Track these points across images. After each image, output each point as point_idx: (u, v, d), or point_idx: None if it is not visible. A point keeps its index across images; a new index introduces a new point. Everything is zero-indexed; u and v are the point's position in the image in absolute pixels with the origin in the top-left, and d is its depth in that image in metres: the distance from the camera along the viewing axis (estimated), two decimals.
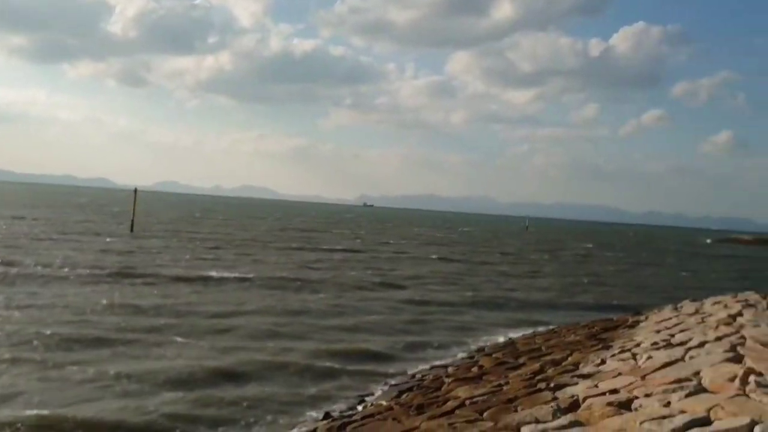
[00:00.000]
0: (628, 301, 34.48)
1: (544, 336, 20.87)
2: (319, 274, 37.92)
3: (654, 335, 14.89)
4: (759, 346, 10.58)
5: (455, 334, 22.87)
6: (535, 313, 29.21)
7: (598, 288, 42.18)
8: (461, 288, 36.46)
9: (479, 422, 9.65)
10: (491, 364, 16.09)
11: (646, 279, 51.58)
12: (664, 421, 6.98)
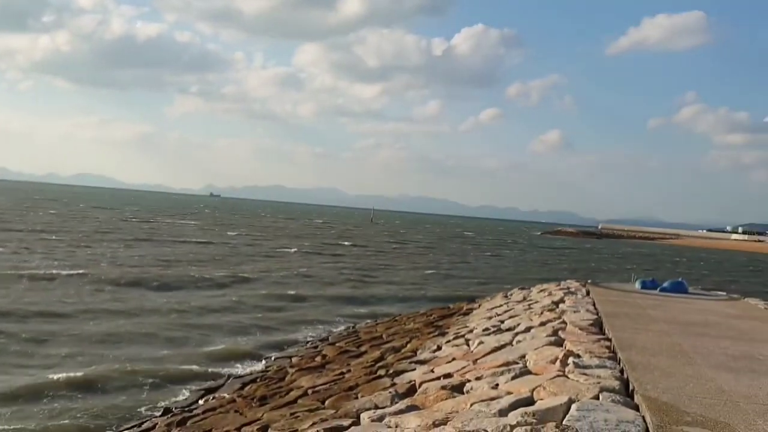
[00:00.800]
0: (467, 290, 35.87)
1: (386, 324, 21.31)
2: (162, 270, 36.21)
3: (486, 321, 15.61)
4: (577, 330, 11.38)
5: (302, 326, 22.81)
6: (382, 304, 29.69)
7: (441, 277, 43.64)
8: (313, 282, 36.23)
9: (320, 411, 9.70)
10: (334, 353, 16.22)
11: (483, 269, 53.98)
12: (492, 402, 7.33)
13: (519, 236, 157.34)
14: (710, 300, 19.27)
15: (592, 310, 14.39)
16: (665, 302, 17.19)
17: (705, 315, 15.08)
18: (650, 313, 14.52)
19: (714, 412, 6.55)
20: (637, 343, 10.29)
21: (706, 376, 8.28)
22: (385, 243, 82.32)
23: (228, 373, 16.51)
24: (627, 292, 19.24)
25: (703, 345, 10.73)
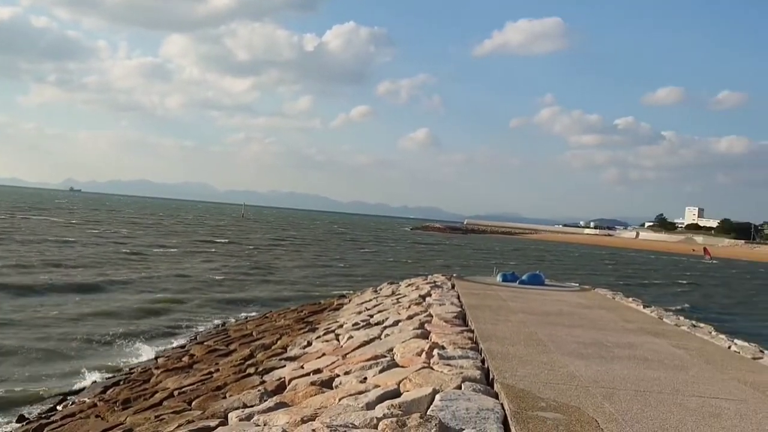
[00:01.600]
0: (341, 285, 36.00)
1: (256, 321, 21.05)
2: (18, 274, 33.83)
3: (356, 316, 15.77)
4: (442, 323, 11.71)
5: (167, 326, 22.05)
6: (257, 302, 29.21)
7: (318, 274, 43.55)
8: (188, 282, 34.94)
9: (187, 412, 9.44)
10: (203, 353, 15.84)
11: (358, 264, 54.42)
12: (360, 396, 7.40)
13: (390, 232, 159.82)
14: (564, 291, 20.38)
15: (457, 303, 14.85)
16: (524, 294, 18.02)
17: (559, 305, 15.94)
18: (510, 305, 15.17)
19: (566, 397, 6.94)
20: (497, 334, 10.73)
21: (560, 363, 8.76)
22: (259, 240, 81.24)
23: (75, 369, 15.88)
24: (489, 285, 19.99)
25: (557, 334, 11.34)
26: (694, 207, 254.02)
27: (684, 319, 16.10)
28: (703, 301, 43.89)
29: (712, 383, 8.37)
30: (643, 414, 6.54)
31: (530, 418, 6.05)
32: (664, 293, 46.46)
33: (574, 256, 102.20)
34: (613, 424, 6.10)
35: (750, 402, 7.51)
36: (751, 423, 6.58)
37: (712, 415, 6.74)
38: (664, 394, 7.52)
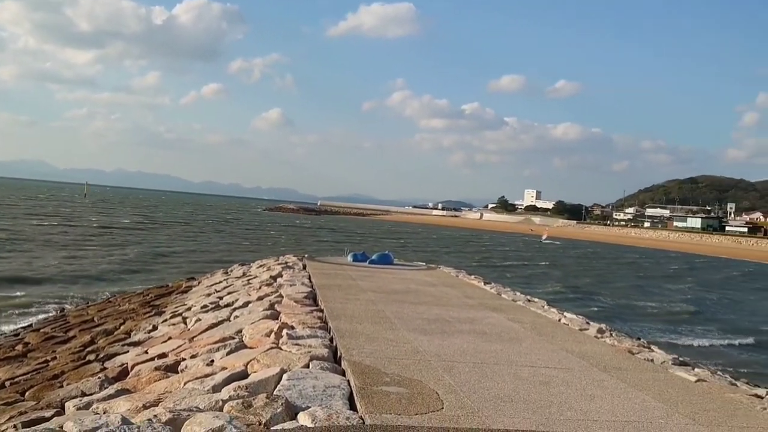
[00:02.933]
0: (190, 269, 34.90)
1: (98, 306, 20.00)
2: None
3: (205, 298, 15.39)
4: (293, 303, 11.69)
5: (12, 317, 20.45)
6: (100, 284, 27.74)
7: (167, 257, 41.94)
8: (25, 266, 32.51)
9: (20, 403, 8.83)
10: (38, 340, 14.83)
11: (213, 245, 52.98)
12: (206, 380, 7.24)
13: (243, 213, 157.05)
14: (412, 270, 20.96)
15: (308, 283, 14.87)
16: (374, 273, 18.35)
17: (407, 284, 16.38)
18: (360, 284, 15.40)
19: (409, 371, 7.15)
20: (346, 313, 10.86)
21: (405, 339, 9.02)
22: (104, 219, 77.07)
23: None
24: (340, 265, 20.17)
25: (404, 311, 11.66)
26: (533, 189, 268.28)
27: (520, 294, 17.05)
28: (573, 281, 46.29)
29: (543, 354, 8.94)
30: (480, 384, 6.88)
31: (374, 393, 6.18)
32: (532, 274, 48.86)
33: (426, 236, 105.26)
34: (452, 395, 6.36)
35: (575, 370, 8.09)
36: (576, 389, 7.09)
37: (542, 383, 7.19)
38: (500, 365, 7.94)
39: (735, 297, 43.48)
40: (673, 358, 9.66)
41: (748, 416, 6.68)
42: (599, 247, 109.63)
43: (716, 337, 25.97)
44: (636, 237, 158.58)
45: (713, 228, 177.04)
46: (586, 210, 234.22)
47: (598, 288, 41.85)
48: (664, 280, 52.31)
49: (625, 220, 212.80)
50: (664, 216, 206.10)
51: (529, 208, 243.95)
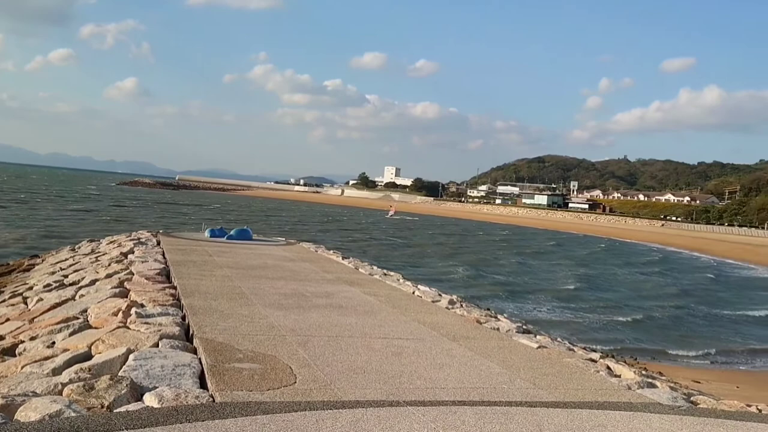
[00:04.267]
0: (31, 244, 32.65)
1: None
2: None
3: (48, 277, 14.44)
4: (144, 280, 11.20)
5: None
6: None
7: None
8: None
9: None
10: None
11: (58, 221, 49.74)
12: (46, 362, 6.78)
13: (95, 187, 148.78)
14: (271, 245, 20.72)
15: (161, 259, 14.32)
16: (231, 249, 17.96)
17: (264, 259, 16.16)
18: (216, 260, 15.02)
19: (263, 347, 7.05)
20: (201, 289, 10.54)
21: (260, 315, 8.88)
22: None
23: None
24: (197, 241, 19.59)
25: (261, 287, 11.49)
26: (392, 166, 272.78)
27: (377, 268, 17.30)
28: (473, 258, 47.26)
29: (396, 325, 9.10)
30: (334, 357, 6.89)
31: (227, 370, 6.03)
32: (419, 253, 49.50)
33: (287, 212, 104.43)
34: (305, 368, 6.33)
35: (427, 340, 8.30)
36: (426, 358, 7.27)
37: (395, 354, 7.32)
38: (354, 338, 8.00)
39: (607, 271, 46.35)
40: (517, 327, 10.15)
41: (583, 379, 7.13)
42: (459, 222, 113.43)
43: (607, 313, 27.64)
44: (488, 213, 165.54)
45: (558, 205, 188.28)
46: (442, 187, 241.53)
47: (484, 265, 43.27)
48: (534, 256, 54.66)
49: (478, 197, 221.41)
50: (514, 193, 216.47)
51: (388, 185, 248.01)
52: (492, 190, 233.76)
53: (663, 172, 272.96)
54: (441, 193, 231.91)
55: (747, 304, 33.31)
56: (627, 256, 65.49)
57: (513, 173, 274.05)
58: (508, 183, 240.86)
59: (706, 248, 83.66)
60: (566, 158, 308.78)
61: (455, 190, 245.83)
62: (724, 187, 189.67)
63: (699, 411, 6.34)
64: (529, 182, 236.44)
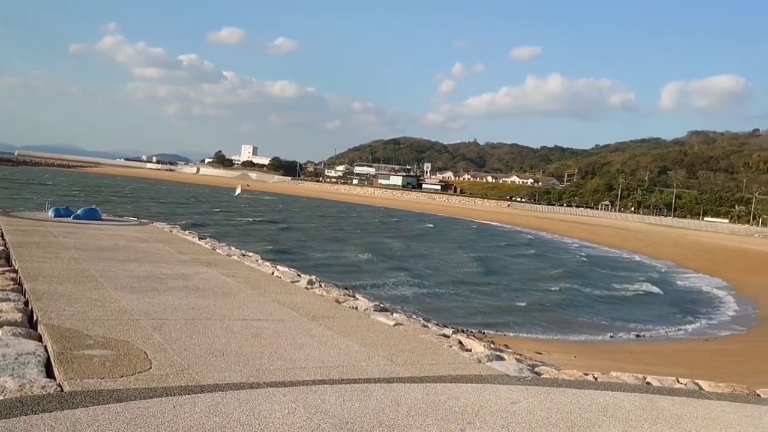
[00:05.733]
0: None
1: None
2: None
3: None
4: None
5: None
6: None
7: None
8: None
9: None
10: None
11: None
12: None
13: None
14: (122, 225, 19.76)
15: (0, 241, 13.27)
16: (78, 230, 16.95)
17: (115, 240, 15.39)
18: (62, 241, 14.12)
19: (115, 332, 6.72)
20: (45, 272, 9.89)
21: (112, 299, 8.46)
22: None
23: None
24: (40, 221, 18.33)
25: (111, 269, 10.93)
26: (250, 145, 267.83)
27: (235, 249, 16.99)
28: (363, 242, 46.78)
29: (255, 307, 8.99)
30: (191, 341, 6.70)
31: (75, 357, 5.71)
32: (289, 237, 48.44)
33: (139, 190, 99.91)
34: (161, 353, 6.11)
35: (287, 320, 8.26)
36: (286, 339, 7.23)
37: (254, 336, 7.23)
38: (212, 320, 7.82)
39: (501, 258, 47.84)
40: (375, 305, 10.33)
41: (437, 353, 7.39)
42: (321, 203, 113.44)
43: (462, 289, 28.43)
44: (346, 193, 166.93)
45: (412, 185, 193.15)
46: (300, 167, 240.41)
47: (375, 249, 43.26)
48: (415, 239, 55.27)
49: (336, 177, 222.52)
50: (371, 174, 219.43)
51: (246, 164, 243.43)
52: (349, 170, 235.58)
53: (509, 155, 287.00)
54: (299, 172, 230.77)
55: (580, 280, 35.86)
56: (491, 238, 68.43)
57: (369, 154, 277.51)
58: (365, 164, 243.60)
59: (546, 227, 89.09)
60: (421, 140, 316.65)
61: (313, 170, 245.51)
62: (563, 170, 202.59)
63: (543, 381, 6.76)
64: (384, 163, 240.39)
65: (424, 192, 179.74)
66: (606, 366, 10.09)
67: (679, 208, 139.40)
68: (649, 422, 5.53)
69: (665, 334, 22.63)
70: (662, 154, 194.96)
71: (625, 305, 28.60)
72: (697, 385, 7.34)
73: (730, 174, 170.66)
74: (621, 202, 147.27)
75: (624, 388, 6.73)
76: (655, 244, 69.97)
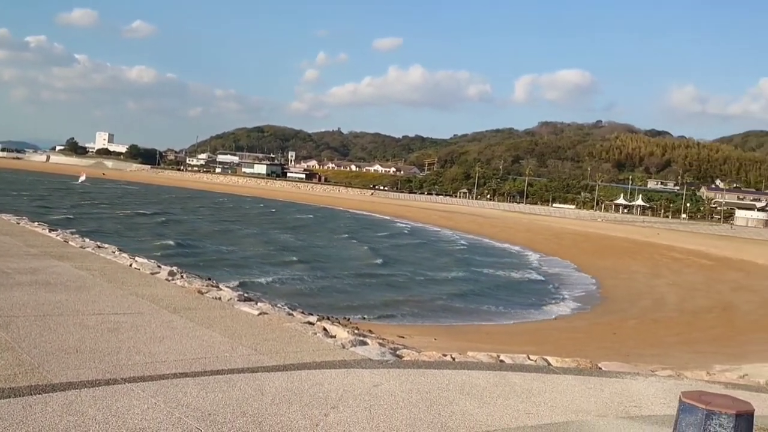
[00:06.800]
0: None
1: None
2: None
3: None
4: None
5: None
6: None
7: None
8: None
9: None
10: None
11: None
12: None
13: None
14: None
15: None
16: None
17: None
18: None
19: None
20: None
21: None
22: None
23: None
24: None
25: None
26: (105, 132, 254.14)
27: (89, 241, 16.14)
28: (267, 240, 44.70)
29: (112, 300, 8.60)
30: (42, 338, 6.33)
31: None
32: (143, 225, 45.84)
33: None
34: (8, 352, 5.74)
35: (146, 313, 7.97)
36: (145, 332, 6.99)
37: (110, 330, 6.92)
38: (65, 315, 7.41)
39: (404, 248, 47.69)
40: (239, 295, 10.19)
41: (301, 341, 7.41)
42: (193, 193, 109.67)
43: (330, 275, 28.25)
44: (209, 182, 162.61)
45: (277, 174, 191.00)
46: (160, 155, 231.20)
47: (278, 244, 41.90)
48: (303, 231, 54.11)
49: (198, 166, 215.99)
50: (234, 162, 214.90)
51: (101, 152, 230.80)
52: (212, 158, 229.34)
53: (372, 144, 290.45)
54: (159, 161, 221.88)
55: (444, 268, 37.13)
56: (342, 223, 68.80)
57: (233, 142, 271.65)
58: (228, 152, 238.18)
59: (409, 215, 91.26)
60: (285, 129, 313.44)
61: (174, 158, 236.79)
62: (424, 159, 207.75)
63: (404, 363, 6.96)
64: (248, 152, 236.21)
65: (288, 181, 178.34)
66: (464, 347, 10.52)
67: (531, 195, 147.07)
68: (502, 398, 5.85)
69: (519, 314, 23.92)
70: (515, 144, 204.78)
71: (482, 288, 29.92)
72: (546, 361, 7.85)
73: (576, 162, 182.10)
74: (478, 190, 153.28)
75: (479, 367, 7.07)
76: (509, 229, 73.49)
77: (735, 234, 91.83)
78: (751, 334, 21.63)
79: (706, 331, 22.32)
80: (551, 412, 5.58)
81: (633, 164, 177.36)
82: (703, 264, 47.50)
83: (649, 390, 6.69)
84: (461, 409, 5.41)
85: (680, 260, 49.47)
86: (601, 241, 62.79)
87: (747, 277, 41.12)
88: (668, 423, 5.04)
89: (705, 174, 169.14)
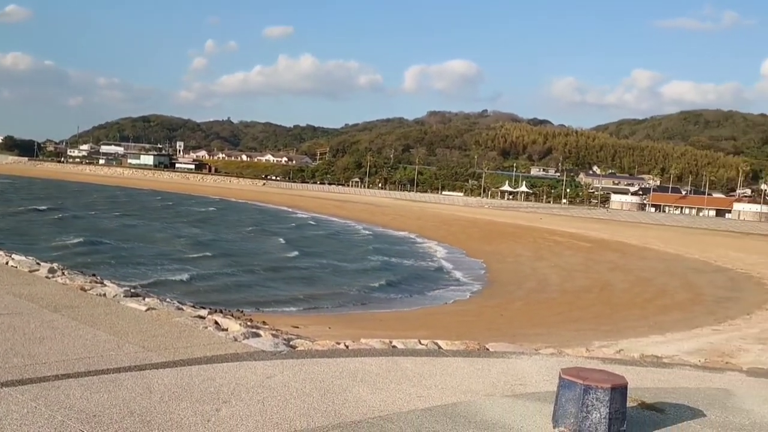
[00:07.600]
0: None
1: None
2: None
3: None
4: None
5: None
6: None
7: None
8: None
9: None
10: None
11: None
12: None
13: None
14: None
15: None
16: None
17: None
18: None
19: None
20: None
21: None
22: None
23: None
24: None
25: None
26: None
27: None
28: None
29: None
30: None
31: None
32: None
33: None
34: None
35: (24, 313, 7.53)
36: (24, 333, 6.61)
37: None
38: None
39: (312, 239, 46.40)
40: (125, 291, 9.81)
41: (192, 336, 7.23)
42: (79, 186, 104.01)
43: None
44: (92, 174, 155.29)
45: (165, 165, 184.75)
46: (39, 146, 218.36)
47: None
48: (210, 224, 52.26)
49: (80, 157, 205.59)
50: (119, 153, 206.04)
51: None
52: (95, 149, 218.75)
53: (263, 133, 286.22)
54: (38, 152, 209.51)
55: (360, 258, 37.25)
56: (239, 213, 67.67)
57: (117, 132, 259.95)
58: (112, 143, 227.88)
59: (303, 205, 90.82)
60: (172, 118, 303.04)
61: (54, 149, 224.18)
62: (316, 148, 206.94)
63: (297, 353, 6.94)
64: (134, 142, 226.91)
65: (177, 171, 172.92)
66: (357, 334, 10.62)
67: (421, 183, 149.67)
68: (394, 382, 5.94)
69: (412, 301, 24.36)
70: (405, 133, 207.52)
71: (373, 275, 30.24)
72: (436, 344, 8.04)
73: (463, 151, 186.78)
74: (369, 179, 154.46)
75: (372, 353, 7.15)
76: (401, 217, 74.62)
77: (611, 217, 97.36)
78: (626, 312, 23.04)
79: (586, 309, 23.57)
80: (441, 395, 5.73)
81: (517, 152, 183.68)
82: (582, 246, 50.07)
83: (533, 368, 6.99)
84: (354, 396, 5.46)
85: (561, 243, 51.91)
86: (488, 227, 64.86)
87: (623, 257, 43.72)
88: (550, 399, 5.29)
89: (583, 161, 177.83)
